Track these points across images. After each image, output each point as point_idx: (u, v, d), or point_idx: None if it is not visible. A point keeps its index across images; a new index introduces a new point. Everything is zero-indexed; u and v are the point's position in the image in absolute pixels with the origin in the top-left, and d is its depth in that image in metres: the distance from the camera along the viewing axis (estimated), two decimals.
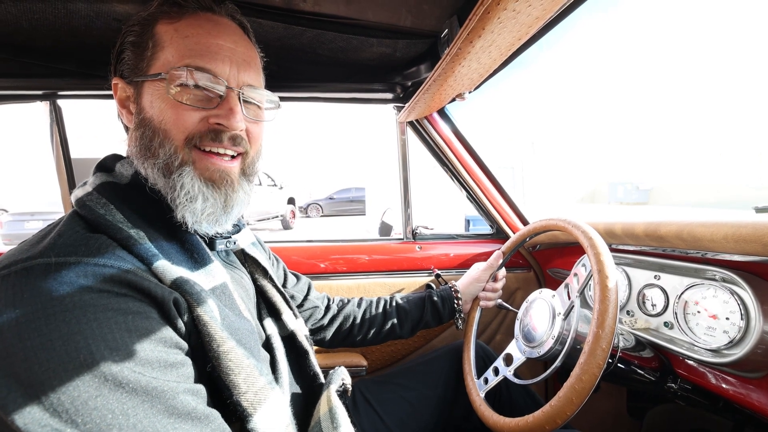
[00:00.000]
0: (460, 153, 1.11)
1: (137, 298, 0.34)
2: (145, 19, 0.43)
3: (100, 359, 0.29)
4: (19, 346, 0.28)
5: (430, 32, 0.70)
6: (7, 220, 5.88)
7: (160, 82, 0.41)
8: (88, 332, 0.29)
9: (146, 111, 0.42)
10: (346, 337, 0.79)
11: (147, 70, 0.42)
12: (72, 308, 0.30)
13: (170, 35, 0.41)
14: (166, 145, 0.41)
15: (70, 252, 0.33)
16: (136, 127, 0.43)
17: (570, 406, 0.48)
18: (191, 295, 0.37)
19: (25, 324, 0.28)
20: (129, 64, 0.43)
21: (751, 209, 0.94)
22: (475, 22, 0.47)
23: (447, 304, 0.82)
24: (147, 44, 0.42)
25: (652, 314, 0.71)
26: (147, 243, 0.37)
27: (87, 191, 0.40)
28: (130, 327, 0.32)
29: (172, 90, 0.40)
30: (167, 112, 0.41)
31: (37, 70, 0.79)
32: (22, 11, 0.59)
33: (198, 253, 0.42)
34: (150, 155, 0.41)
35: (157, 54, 0.41)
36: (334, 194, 14.43)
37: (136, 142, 0.42)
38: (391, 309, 0.81)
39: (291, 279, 0.75)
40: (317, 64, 0.83)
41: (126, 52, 0.43)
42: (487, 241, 1.24)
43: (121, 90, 0.44)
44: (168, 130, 0.41)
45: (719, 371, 0.61)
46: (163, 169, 0.41)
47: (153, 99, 0.41)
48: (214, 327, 0.37)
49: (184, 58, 0.40)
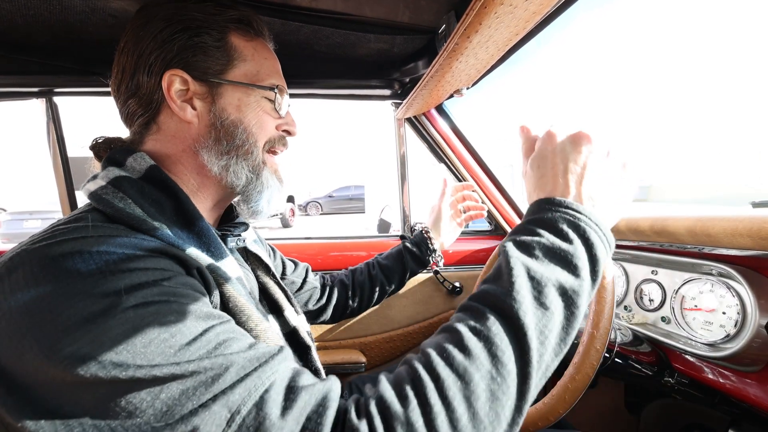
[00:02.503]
0: (458, 149, 1.11)
1: (172, 261, 0.35)
2: (221, 27, 0.46)
3: (143, 299, 0.30)
4: (66, 304, 0.28)
5: (427, 28, 0.70)
6: (5, 219, 5.87)
7: (250, 89, 0.47)
8: (127, 279, 0.30)
9: (232, 113, 0.46)
10: (344, 307, 0.81)
11: (227, 75, 0.46)
12: (110, 263, 0.31)
13: (250, 52, 0.47)
14: (257, 146, 0.48)
15: (93, 234, 0.33)
16: (218, 126, 0.45)
17: (563, 404, 0.49)
18: (224, 278, 0.40)
19: (68, 285, 0.29)
20: (202, 63, 0.44)
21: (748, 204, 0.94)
22: (472, 17, 0.47)
23: (423, 246, 0.83)
24: (226, 51, 0.46)
25: (650, 309, 0.71)
26: (171, 234, 0.39)
27: (101, 185, 0.39)
28: (166, 276, 0.33)
29: (262, 100, 0.48)
30: (258, 119, 0.47)
31: (33, 67, 0.79)
32: (16, 7, 0.58)
33: (215, 246, 0.43)
34: (242, 153, 0.47)
35: (239, 64, 0.46)
36: (333, 192, 14.43)
37: (216, 139, 0.45)
38: (375, 270, 0.83)
39: (289, 266, 0.76)
40: (314, 60, 0.83)
41: (196, 50, 0.44)
42: (485, 237, 1.24)
43: (180, 83, 0.44)
44: (256, 134, 0.47)
45: (716, 365, 0.61)
46: (252, 165, 0.48)
47: (241, 104, 0.46)
48: (249, 306, 0.40)
49: (269, 76, 0.48)
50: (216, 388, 0.28)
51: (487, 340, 0.29)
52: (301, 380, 0.31)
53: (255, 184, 0.48)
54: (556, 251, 0.33)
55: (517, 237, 0.36)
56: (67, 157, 1.03)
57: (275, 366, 0.31)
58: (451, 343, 0.30)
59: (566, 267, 0.33)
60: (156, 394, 0.27)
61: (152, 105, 0.45)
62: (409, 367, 0.31)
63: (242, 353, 0.31)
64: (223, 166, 0.46)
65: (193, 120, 0.45)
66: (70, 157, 1.04)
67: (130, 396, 0.27)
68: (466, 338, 0.30)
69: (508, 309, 0.30)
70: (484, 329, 0.30)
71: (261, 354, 0.32)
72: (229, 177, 0.46)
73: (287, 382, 0.31)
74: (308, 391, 0.30)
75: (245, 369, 0.30)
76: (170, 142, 0.46)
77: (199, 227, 0.42)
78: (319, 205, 14.22)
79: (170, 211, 0.41)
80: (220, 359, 0.30)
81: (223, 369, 0.29)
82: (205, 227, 0.43)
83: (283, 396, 0.29)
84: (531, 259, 0.33)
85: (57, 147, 1.00)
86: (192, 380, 0.28)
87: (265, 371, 0.30)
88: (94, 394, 0.27)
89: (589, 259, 0.34)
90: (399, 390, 0.29)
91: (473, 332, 0.30)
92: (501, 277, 0.33)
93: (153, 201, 0.40)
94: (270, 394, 0.29)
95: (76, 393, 0.27)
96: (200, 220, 0.43)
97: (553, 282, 0.32)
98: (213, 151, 0.45)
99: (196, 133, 0.45)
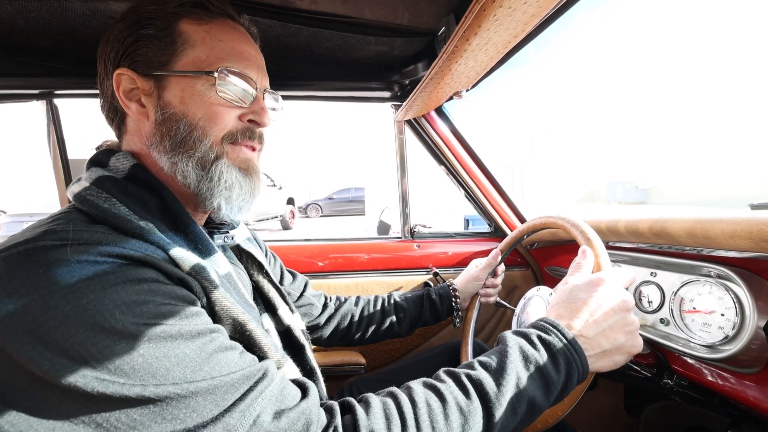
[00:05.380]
0: (458, 151, 1.11)
1: (154, 270, 0.35)
2: (168, 15, 0.42)
3: (131, 317, 0.30)
4: (48, 315, 0.28)
5: (427, 30, 0.70)
6: (5, 222, 5.87)
7: (195, 79, 0.42)
8: (114, 295, 0.30)
9: (175, 106, 0.42)
10: (344, 335, 0.79)
11: (173, 66, 0.42)
12: (93, 277, 0.30)
13: (201, 36, 0.43)
14: (205, 140, 0.43)
15: (74, 238, 0.32)
16: (161, 121, 0.42)
17: (562, 406, 0.49)
18: (209, 281, 0.38)
19: (49, 294, 0.29)
20: (144, 57, 0.42)
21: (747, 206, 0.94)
22: (471, 19, 0.47)
23: (445, 302, 0.82)
24: (172, 40, 0.42)
25: (649, 311, 0.71)
26: (158, 233, 0.38)
27: (84, 186, 0.39)
28: (153, 288, 0.33)
29: (211, 89, 0.42)
30: (206, 110, 0.43)
31: (34, 69, 0.79)
32: (17, 9, 0.59)
33: (203, 243, 0.42)
34: (185, 149, 0.43)
35: (186, 51, 0.42)
36: (333, 194, 14.42)
37: (161, 136, 0.43)
38: (389, 307, 0.81)
39: (287, 277, 0.75)
40: (314, 62, 0.83)
41: (140, 44, 0.42)
42: (484, 239, 1.24)
43: (127, 81, 0.43)
44: (206, 127, 0.43)
45: (715, 367, 0.61)
46: (200, 161, 0.43)
47: (185, 95, 0.42)
48: (235, 310, 0.39)
49: (221, 60, 0.43)
50: (194, 420, 0.30)
51: (465, 420, 0.38)
52: (282, 419, 0.33)
53: (205, 181, 0.44)
54: (544, 374, 0.41)
55: (522, 343, 0.43)
56: (68, 159, 1.03)
57: (256, 399, 0.33)
58: (439, 406, 0.38)
59: (545, 390, 0.41)
60: (129, 414, 0.29)
61: (118, 106, 0.45)
62: (400, 412, 0.37)
63: (226, 378, 0.32)
64: (171, 163, 0.43)
65: (143, 118, 0.44)
66: (70, 159, 1.04)
67: (107, 414, 0.28)
68: (451, 408, 0.38)
69: (490, 403, 0.38)
70: (465, 408, 0.38)
71: (244, 381, 0.34)
72: (178, 176, 0.43)
73: (271, 415, 0.33)
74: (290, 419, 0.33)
75: (225, 402, 0.32)
76: (132, 141, 0.45)
77: (186, 224, 0.42)
78: (319, 207, 14.21)
79: (155, 209, 0.41)
80: (204, 384, 0.31)
81: (204, 398, 0.31)
82: (192, 225, 0.42)
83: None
84: (524, 371, 0.41)
85: (57, 149, 1.00)
86: (164, 407, 0.29)
87: (247, 406, 0.32)
88: (76, 408, 0.28)
89: (562, 389, 0.42)
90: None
91: (458, 407, 0.38)
92: (496, 371, 0.41)
93: (137, 200, 0.40)
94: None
95: (57, 402, 0.28)
96: (186, 217, 0.42)
97: (529, 397, 0.40)
98: (160, 148, 0.43)
99: (148, 131, 0.44)
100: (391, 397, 0.39)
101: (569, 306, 0.46)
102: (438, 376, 0.43)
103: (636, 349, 0.46)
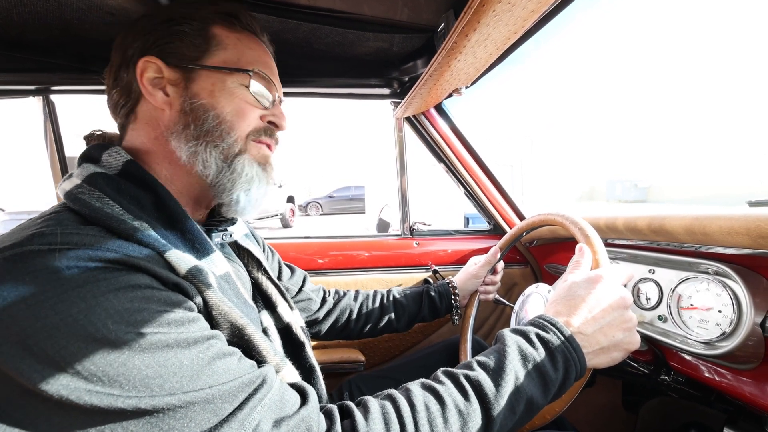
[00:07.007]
0: (458, 149, 1.11)
1: (147, 276, 0.34)
2: (204, 18, 0.45)
3: (125, 326, 0.29)
4: (37, 325, 0.27)
5: (426, 26, 0.70)
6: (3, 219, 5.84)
7: (227, 75, 0.45)
8: (106, 304, 0.29)
9: (204, 98, 0.44)
10: (342, 330, 0.79)
11: (203, 61, 0.44)
12: (83, 284, 0.29)
13: (233, 41, 0.46)
14: (232, 133, 0.45)
15: (63, 241, 0.31)
16: (188, 110, 0.44)
17: (559, 403, 0.49)
18: (206, 284, 0.37)
19: (38, 304, 0.28)
20: (177, 50, 0.44)
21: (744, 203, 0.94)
22: (470, 15, 0.47)
23: (444, 299, 0.83)
24: (206, 39, 0.45)
25: (647, 308, 0.71)
26: (153, 233, 0.37)
27: (75, 183, 0.38)
28: (147, 295, 0.32)
29: (241, 86, 0.45)
30: (235, 105, 0.45)
31: (30, 65, 0.78)
32: (12, 4, 0.58)
33: (200, 242, 0.42)
34: (211, 138, 0.44)
35: (218, 51, 0.45)
36: (333, 192, 14.41)
37: (185, 124, 0.44)
38: (388, 303, 0.81)
39: (286, 271, 0.75)
40: (313, 59, 0.83)
41: (174, 38, 0.44)
42: (484, 237, 1.24)
43: (153, 70, 0.43)
44: (234, 121, 0.45)
45: (712, 363, 0.62)
46: (223, 153, 0.45)
47: (215, 89, 0.44)
48: (233, 314, 0.39)
49: (252, 63, 0.46)
50: (192, 430, 0.30)
51: (465, 422, 0.38)
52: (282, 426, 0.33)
53: (226, 173, 0.45)
54: (542, 373, 0.41)
55: (520, 341, 0.43)
56: (65, 156, 1.02)
57: (255, 407, 0.33)
58: (438, 409, 0.38)
59: (543, 389, 0.41)
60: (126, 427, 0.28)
61: (132, 94, 0.45)
62: (398, 416, 0.38)
63: (225, 386, 0.32)
64: (192, 152, 0.44)
65: (165, 106, 0.44)
66: (67, 156, 1.03)
67: (101, 427, 0.28)
68: (449, 411, 0.38)
69: (489, 404, 0.39)
70: (464, 410, 0.39)
71: (243, 389, 0.33)
72: (197, 165, 0.44)
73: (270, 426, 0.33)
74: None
75: (224, 411, 0.31)
76: (143, 130, 0.45)
77: (182, 223, 0.41)
78: (320, 205, 14.19)
79: (150, 207, 0.40)
80: (203, 393, 0.31)
81: (203, 408, 0.31)
82: (188, 223, 0.41)
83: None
84: (523, 370, 0.41)
85: (54, 146, 1.00)
86: (160, 419, 0.29)
87: (246, 415, 0.32)
88: (69, 422, 0.28)
89: (560, 387, 0.42)
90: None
91: (456, 410, 0.39)
92: (495, 371, 0.41)
93: (131, 198, 0.39)
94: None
95: (49, 416, 0.28)
96: (182, 216, 0.41)
97: (528, 396, 0.40)
98: (182, 136, 0.44)
99: (168, 120, 0.44)
100: (390, 401, 0.39)
101: (568, 303, 0.47)
102: (436, 377, 0.43)
103: (633, 346, 0.46)
